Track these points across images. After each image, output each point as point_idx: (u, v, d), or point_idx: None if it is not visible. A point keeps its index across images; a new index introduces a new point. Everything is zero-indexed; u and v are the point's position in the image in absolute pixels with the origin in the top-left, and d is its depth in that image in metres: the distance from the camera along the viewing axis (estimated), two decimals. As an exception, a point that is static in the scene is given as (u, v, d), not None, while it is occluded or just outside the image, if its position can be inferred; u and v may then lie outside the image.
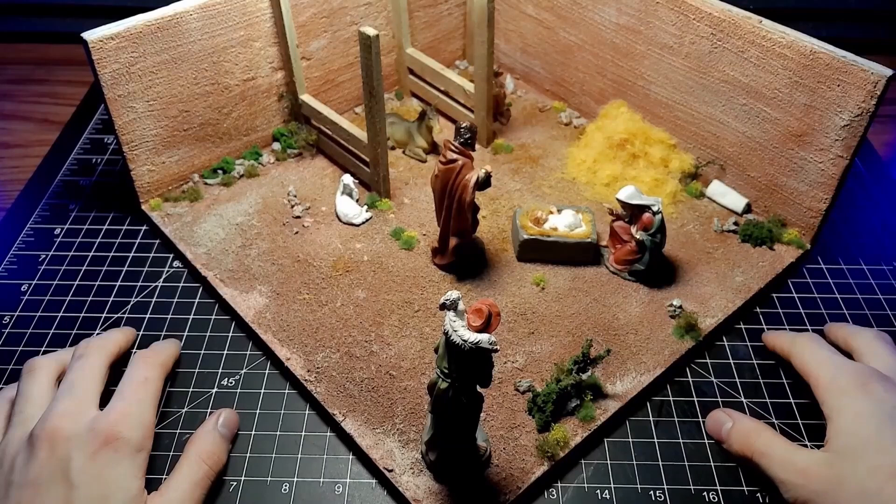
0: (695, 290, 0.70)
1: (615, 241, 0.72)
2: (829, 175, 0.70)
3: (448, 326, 0.46)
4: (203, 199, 0.80)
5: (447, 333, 0.47)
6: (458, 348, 0.46)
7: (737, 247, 0.75)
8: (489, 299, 0.60)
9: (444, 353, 0.48)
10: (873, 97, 0.64)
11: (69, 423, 0.51)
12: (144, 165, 0.77)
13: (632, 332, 0.66)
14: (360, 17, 0.87)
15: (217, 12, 0.74)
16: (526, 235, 0.71)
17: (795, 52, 0.68)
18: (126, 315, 0.69)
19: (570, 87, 0.92)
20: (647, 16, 0.78)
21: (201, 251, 0.74)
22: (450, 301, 0.47)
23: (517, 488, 0.55)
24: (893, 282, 0.74)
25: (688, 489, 0.57)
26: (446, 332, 0.47)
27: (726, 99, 0.75)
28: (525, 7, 0.91)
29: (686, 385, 0.64)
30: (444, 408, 0.51)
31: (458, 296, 0.47)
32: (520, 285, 0.71)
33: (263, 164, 0.84)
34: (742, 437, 0.57)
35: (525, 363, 0.64)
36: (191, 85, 0.76)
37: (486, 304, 0.46)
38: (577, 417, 0.59)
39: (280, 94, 0.84)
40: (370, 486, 0.57)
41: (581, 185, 0.82)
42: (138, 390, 0.56)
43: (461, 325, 0.47)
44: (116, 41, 0.68)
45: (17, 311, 0.70)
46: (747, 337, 0.68)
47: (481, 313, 0.46)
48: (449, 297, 0.46)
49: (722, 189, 0.79)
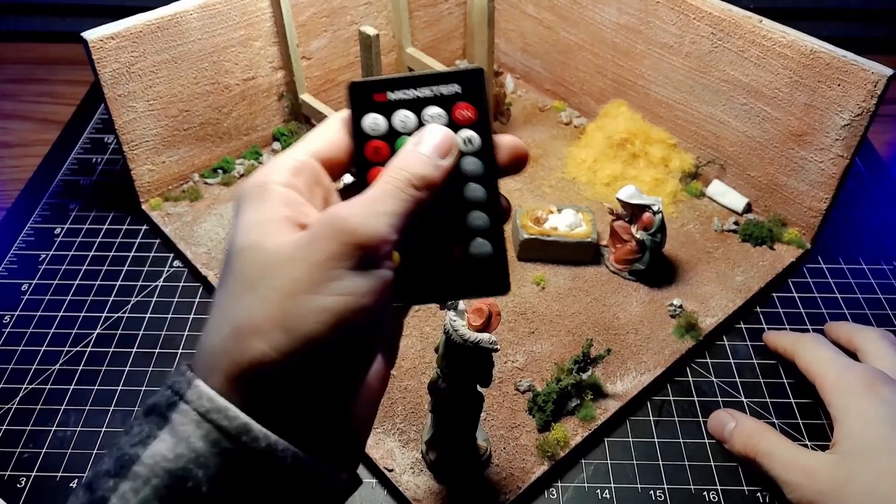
0: (695, 290, 0.70)
1: (615, 240, 0.72)
2: (830, 174, 0.70)
3: (448, 326, 0.46)
4: (203, 198, 0.79)
5: (447, 333, 0.47)
6: (459, 348, 0.46)
7: (737, 246, 0.75)
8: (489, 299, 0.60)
9: (444, 352, 0.48)
10: (874, 97, 0.64)
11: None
12: (144, 165, 0.77)
13: (632, 331, 0.66)
14: (361, 17, 0.87)
15: (217, 12, 0.74)
16: (526, 235, 0.71)
17: (796, 51, 0.68)
18: (126, 315, 0.69)
19: (571, 87, 0.92)
20: (648, 15, 0.78)
21: (202, 251, 0.73)
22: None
23: (517, 488, 0.55)
24: (894, 281, 0.74)
25: (688, 489, 0.57)
26: (447, 332, 0.47)
27: (726, 98, 0.75)
28: (525, 6, 0.91)
29: (686, 385, 0.64)
30: (444, 407, 0.51)
31: (458, 295, 0.47)
32: (520, 285, 0.71)
33: (264, 163, 0.84)
34: (745, 437, 0.56)
35: (525, 363, 0.63)
36: (191, 84, 0.76)
37: (487, 303, 0.46)
38: (577, 417, 0.59)
39: (280, 93, 0.84)
40: (370, 486, 0.57)
41: (581, 184, 0.82)
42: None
43: (461, 324, 0.47)
44: (116, 41, 0.68)
45: (17, 310, 0.70)
46: (748, 336, 0.68)
47: (482, 313, 0.46)
48: (449, 296, 0.46)
49: (722, 188, 0.79)
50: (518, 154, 0.36)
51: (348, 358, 0.32)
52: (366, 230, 0.31)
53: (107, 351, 0.66)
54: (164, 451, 0.29)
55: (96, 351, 0.66)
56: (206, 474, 0.28)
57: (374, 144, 0.35)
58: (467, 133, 0.35)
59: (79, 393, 0.63)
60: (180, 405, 0.30)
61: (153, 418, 0.30)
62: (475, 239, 0.35)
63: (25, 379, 0.64)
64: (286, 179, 0.33)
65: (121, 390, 0.63)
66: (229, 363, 0.30)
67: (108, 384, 0.63)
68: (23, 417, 0.61)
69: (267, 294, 0.30)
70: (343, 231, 0.30)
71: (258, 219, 0.32)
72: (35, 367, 0.65)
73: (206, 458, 0.29)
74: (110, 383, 0.64)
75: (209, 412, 0.29)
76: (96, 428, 0.60)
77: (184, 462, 0.29)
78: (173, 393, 0.30)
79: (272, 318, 0.30)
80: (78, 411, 0.61)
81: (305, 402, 0.31)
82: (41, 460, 0.58)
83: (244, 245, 0.32)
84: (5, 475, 0.57)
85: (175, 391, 0.30)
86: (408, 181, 0.32)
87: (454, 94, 0.35)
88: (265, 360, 0.30)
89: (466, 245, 0.35)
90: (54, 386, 0.63)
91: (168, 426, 0.29)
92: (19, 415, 0.61)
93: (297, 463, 0.30)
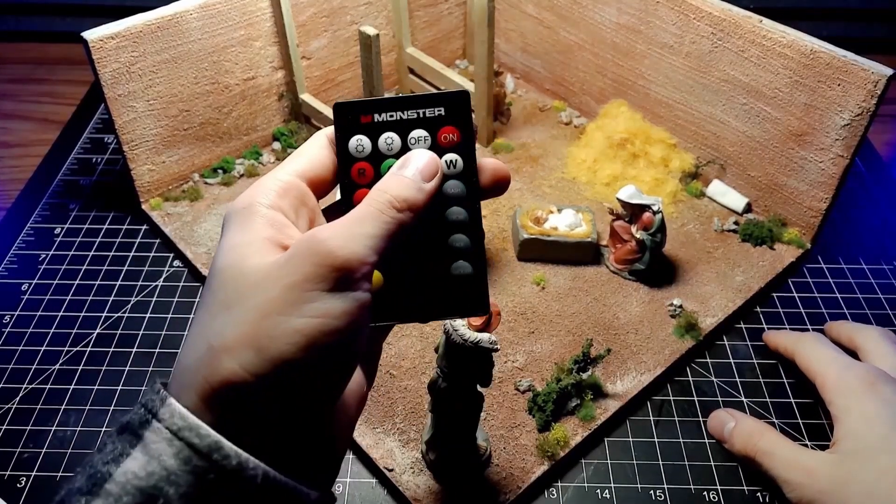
0: (695, 290, 0.70)
1: (615, 240, 0.72)
2: (830, 174, 0.70)
3: (448, 325, 0.46)
4: (203, 198, 0.79)
5: (447, 332, 0.47)
6: (459, 347, 0.46)
7: (737, 246, 0.75)
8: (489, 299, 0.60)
9: (444, 352, 0.48)
10: (874, 96, 0.64)
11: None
12: (144, 165, 0.77)
13: (632, 331, 0.66)
14: (361, 17, 0.87)
15: (217, 12, 0.74)
16: (526, 235, 0.71)
17: (796, 51, 0.68)
18: (126, 315, 0.69)
19: (571, 87, 0.92)
20: (648, 15, 0.78)
21: (202, 250, 0.73)
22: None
23: (517, 488, 0.55)
24: (894, 281, 0.74)
25: (688, 489, 0.57)
26: (447, 332, 0.47)
27: (727, 98, 0.75)
28: (525, 6, 0.91)
29: (686, 384, 0.64)
30: (444, 407, 0.51)
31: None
32: (520, 285, 0.71)
33: (264, 163, 0.84)
34: (745, 436, 0.56)
35: (525, 362, 0.63)
36: (191, 84, 0.76)
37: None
38: (577, 417, 0.59)
39: (280, 93, 0.84)
40: (370, 486, 0.57)
41: (581, 184, 0.82)
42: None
43: (461, 324, 0.47)
44: (116, 41, 0.68)
45: (17, 310, 0.70)
46: (748, 336, 0.68)
47: (482, 313, 0.46)
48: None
49: (722, 188, 0.79)
50: (499, 177, 0.37)
51: (322, 378, 0.32)
52: (343, 252, 0.31)
53: (107, 351, 0.66)
54: (135, 468, 0.29)
55: (96, 351, 0.66)
56: (178, 492, 0.29)
57: (359, 166, 0.35)
58: (451, 156, 0.35)
59: (79, 393, 0.63)
60: (153, 423, 0.30)
61: (126, 436, 0.30)
62: (456, 260, 0.35)
63: (25, 379, 0.64)
64: (271, 201, 0.34)
65: (121, 390, 0.63)
66: (201, 381, 0.30)
67: (108, 384, 0.63)
68: (23, 417, 0.61)
69: (241, 313, 0.31)
70: (319, 253, 0.31)
71: (240, 240, 0.33)
72: (35, 367, 0.65)
73: (177, 476, 0.29)
74: (110, 383, 0.64)
75: (181, 430, 0.29)
76: (96, 428, 0.60)
77: (155, 480, 0.29)
78: (146, 411, 0.30)
79: (244, 337, 0.30)
80: (78, 411, 0.61)
81: (279, 422, 0.31)
82: (41, 460, 0.58)
83: (224, 265, 0.32)
84: (5, 475, 0.57)
85: (148, 409, 0.30)
86: (389, 203, 0.33)
87: (439, 117, 0.35)
88: (236, 379, 0.30)
89: (448, 266, 0.35)
90: (54, 386, 0.63)
91: (140, 444, 0.29)
92: (19, 415, 0.61)
93: (268, 482, 0.30)
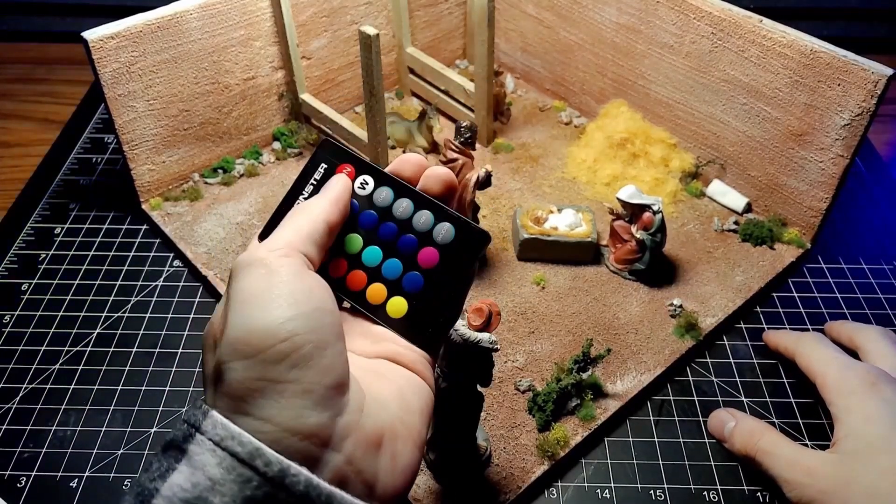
0: (695, 290, 0.70)
1: (615, 240, 0.72)
2: (830, 174, 0.70)
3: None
4: (203, 198, 0.79)
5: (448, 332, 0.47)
6: (459, 347, 0.46)
7: (737, 246, 0.75)
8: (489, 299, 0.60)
9: (444, 352, 0.48)
10: (874, 96, 0.64)
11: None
12: (144, 165, 0.77)
13: (632, 331, 0.66)
14: (361, 17, 0.87)
15: (217, 11, 0.74)
16: (526, 235, 0.71)
17: (796, 51, 0.68)
18: (126, 315, 0.69)
19: (571, 87, 0.92)
20: (648, 15, 0.78)
21: (202, 250, 0.73)
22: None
23: (517, 488, 0.55)
24: (894, 281, 0.74)
25: (688, 488, 0.57)
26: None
27: (727, 98, 0.75)
28: (525, 6, 0.91)
29: (686, 384, 0.64)
30: (444, 407, 0.51)
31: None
32: (520, 284, 0.71)
33: (264, 163, 0.84)
34: (745, 436, 0.56)
35: (525, 362, 0.63)
36: (191, 84, 0.76)
37: (487, 303, 0.46)
38: (577, 417, 0.59)
39: (280, 93, 0.84)
40: (370, 486, 0.57)
41: (581, 184, 0.82)
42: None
43: (461, 324, 0.47)
44: (116, 40, 0.68)
45: (17, 310, 0.70)
46: (748, 336, 0.68)
47: (482, 312, 0.46)
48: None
49: (722, 188, 0.79)
50: (447, 184, 0.41)
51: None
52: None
53: (107, 351, 0.66)
54: (181, 482, 0.29)
55: (96, 351, 0.66)
56: (223, 502, 0.29)
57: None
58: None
59: (79, 393, 0.63)
60: (196, 436, 0.30)
61: (171, 453, 0.31)
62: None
63: (25, 379, 0.64)
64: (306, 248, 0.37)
65: (121, 390, 0.63)
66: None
67: (108, 384, 0.63)
68: (23, 417, 0.61)
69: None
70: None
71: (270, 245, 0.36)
72: (35, 367, 0.65)
73: (221, 485, 0.29)
74: (110, 383, 0.64)
75: (223, 440, 0.30)
76: (96, 428, 0.60)
77: (200, 490, 0.29)
78: (189, 426, 0.31)
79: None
80: (78, 411, 0.61)
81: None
82: (41, 460, 0.58)
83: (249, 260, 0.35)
84: (5, 475, 0.57)
85: (191, 424, 0.31)
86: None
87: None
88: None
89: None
90: (54, 386, 0.63)
91: (185, 458, 0.30)
92: (19, 415, 0.61)
93: (311, 488, 0.30)
